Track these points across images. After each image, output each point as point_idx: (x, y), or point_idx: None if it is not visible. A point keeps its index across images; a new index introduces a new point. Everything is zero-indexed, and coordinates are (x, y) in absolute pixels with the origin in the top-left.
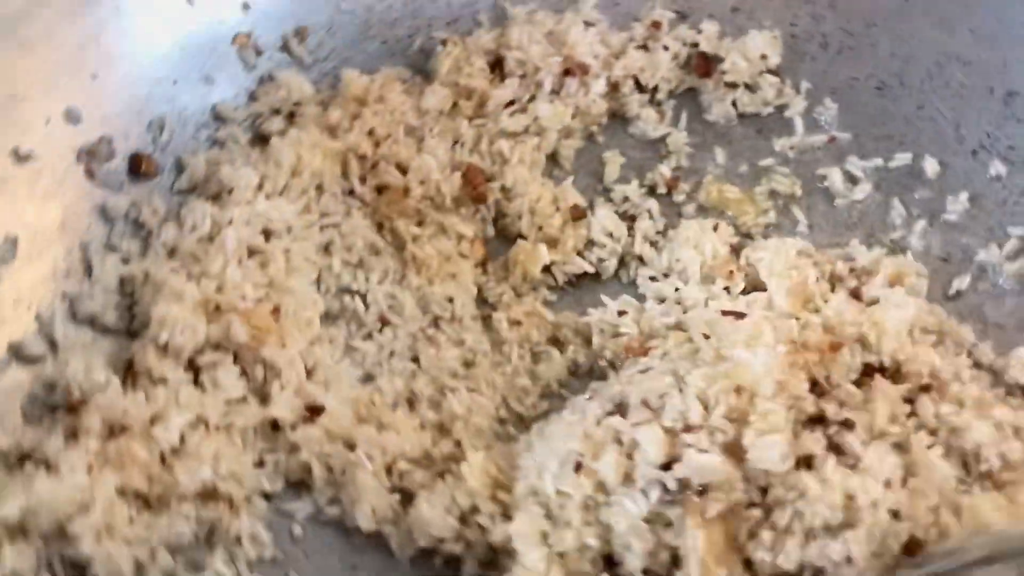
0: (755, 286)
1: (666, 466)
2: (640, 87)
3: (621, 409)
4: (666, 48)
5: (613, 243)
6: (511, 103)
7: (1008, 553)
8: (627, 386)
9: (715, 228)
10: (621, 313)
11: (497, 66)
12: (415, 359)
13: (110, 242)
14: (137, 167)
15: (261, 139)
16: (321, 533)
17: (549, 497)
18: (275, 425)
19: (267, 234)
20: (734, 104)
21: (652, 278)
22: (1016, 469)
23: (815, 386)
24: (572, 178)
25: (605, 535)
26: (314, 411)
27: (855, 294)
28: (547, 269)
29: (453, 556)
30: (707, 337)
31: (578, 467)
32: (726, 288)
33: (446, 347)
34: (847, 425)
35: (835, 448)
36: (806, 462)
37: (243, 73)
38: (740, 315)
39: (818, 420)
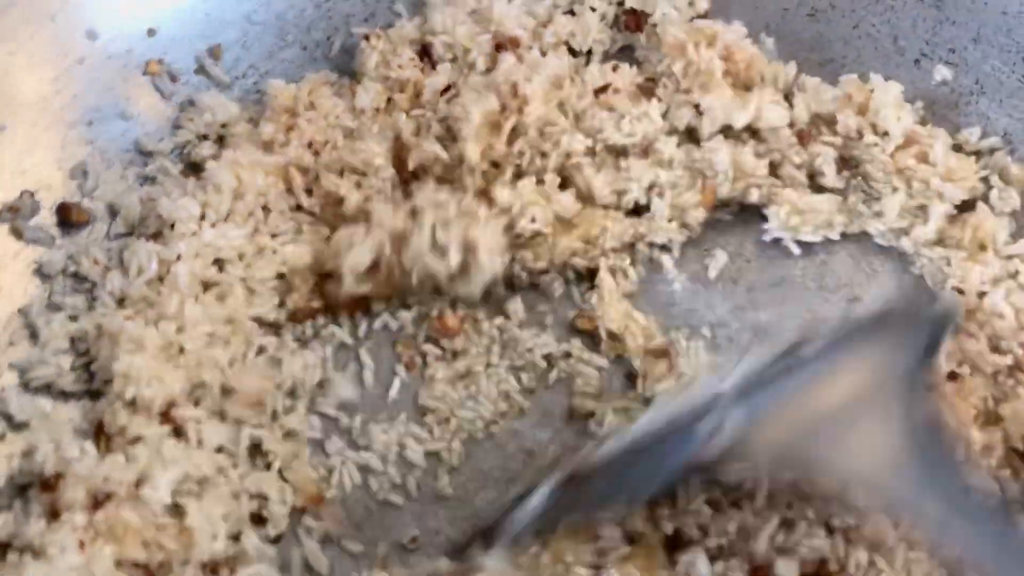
0: None
1: None
2: (573, 52)
3: None
4: (593, 9)
5: None
6: (447, 88)
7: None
8: None
9: None
10: None
11: (426, 54)
12: None
13: (52, 301)
14: (67, 217)
15: (194, 167)
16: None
17: None
18: None
19: (220, 264)
20: None
21: None
22: None
23: None
24: None
25: None
26: None
27: None
28: None
29: None
30: None
31: None
32: None
33: None
34: None
35: None
36: None
37: (161, 103)
38: None
39: None
